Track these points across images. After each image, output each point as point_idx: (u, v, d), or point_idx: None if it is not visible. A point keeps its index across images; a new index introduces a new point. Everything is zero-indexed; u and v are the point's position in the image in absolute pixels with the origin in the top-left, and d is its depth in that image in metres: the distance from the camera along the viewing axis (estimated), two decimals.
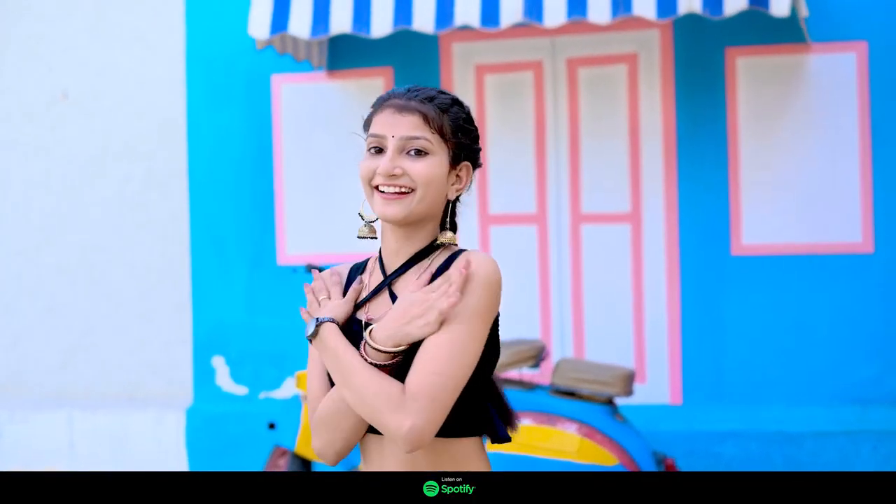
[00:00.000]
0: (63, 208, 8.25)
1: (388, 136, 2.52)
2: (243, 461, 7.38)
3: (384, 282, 2.62)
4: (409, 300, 2.48)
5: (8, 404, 8.16)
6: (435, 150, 2.53)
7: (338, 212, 7.45)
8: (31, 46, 8.28)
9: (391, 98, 2.57)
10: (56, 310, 8.29)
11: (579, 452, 5.56)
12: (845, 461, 6.67)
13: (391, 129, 2.51)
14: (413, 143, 2.51)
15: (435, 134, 2.52)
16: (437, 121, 2.53)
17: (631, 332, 7.11)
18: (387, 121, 2.53)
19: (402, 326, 2.46)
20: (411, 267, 2.60)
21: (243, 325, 7.62)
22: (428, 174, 2.51)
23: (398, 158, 2.51)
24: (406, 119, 2.51)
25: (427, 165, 2.51)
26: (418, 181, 2.50)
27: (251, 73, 7.58)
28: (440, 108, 2.55)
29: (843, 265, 6.85)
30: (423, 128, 2.51)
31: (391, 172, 2.50)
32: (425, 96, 2.55)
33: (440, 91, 2.59)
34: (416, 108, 2.52)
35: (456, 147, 2.58)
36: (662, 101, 7.02)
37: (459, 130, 2.58)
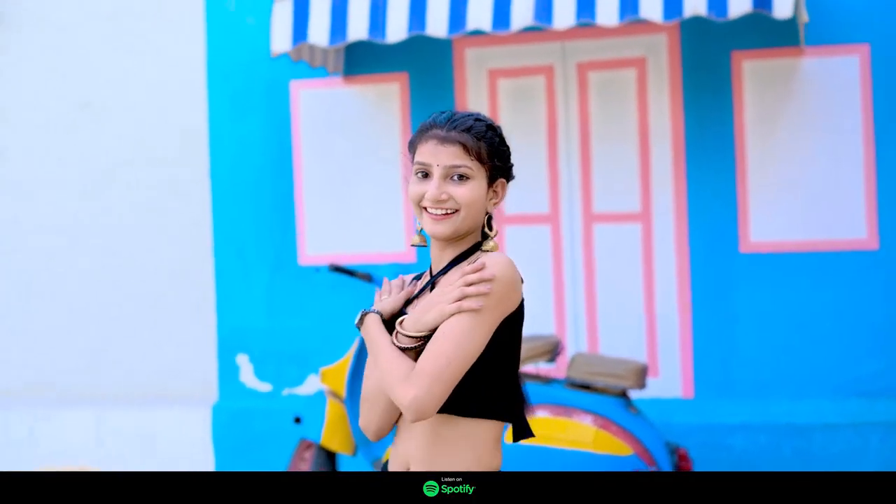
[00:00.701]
0: (88, 214, 8.39)
1: (433, 165, 2.83)
2: (268, 455, 7.54)
3: (429, 282, 2.94)
4: (432, 294, 2.82)
5: (37, 404, 8.31)
6: (475, 175, 2.84)
7: (356, 213, 7.60)
8: (52, 56, 8.41)
9: (433, 128, 2.87)
10: (83, 312, 8.42)
11: (595, 443, 5.70)
12: (853, 453, 6.78)
13: (435, 158, 2.83)
14: (456, 171, 2.82)
15: (474, 160, 2.83)
16: (475, 149, 2.83)
17: (643, 328, 7.22)
18: (431, 151, 2.84)
19: (422, 316, 2.79)
20: (451, 268, 2.91)
21: (266, 324, 7.77)
22: (470, 197, 2.83)
23: (443, 185, 2.83)
24: (448, 150, 2.82)
25: (469, 189, 2.83)
26: (462, 203, 2.82)
27: (270, 80, 7.72)
28: (477, 136, 2.84)
29: (848, 261, 6.94)
30: (463, 156, 2.82)
31: (438, 199, 2.82)
32: (464, 127, 2.84)
33: (476, 118, 2.88)
34: (457, 139, 2.82)
35: (492, 168, 2.88)
36: (671, 103, 7.14)
37: (495, 154, 2.88)
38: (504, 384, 2.87)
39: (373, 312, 2.90)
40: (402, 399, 2.69)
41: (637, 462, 5.66)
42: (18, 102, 8.49)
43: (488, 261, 2.79)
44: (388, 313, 2.92)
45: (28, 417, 8.20)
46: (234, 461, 7.74)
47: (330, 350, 7.26)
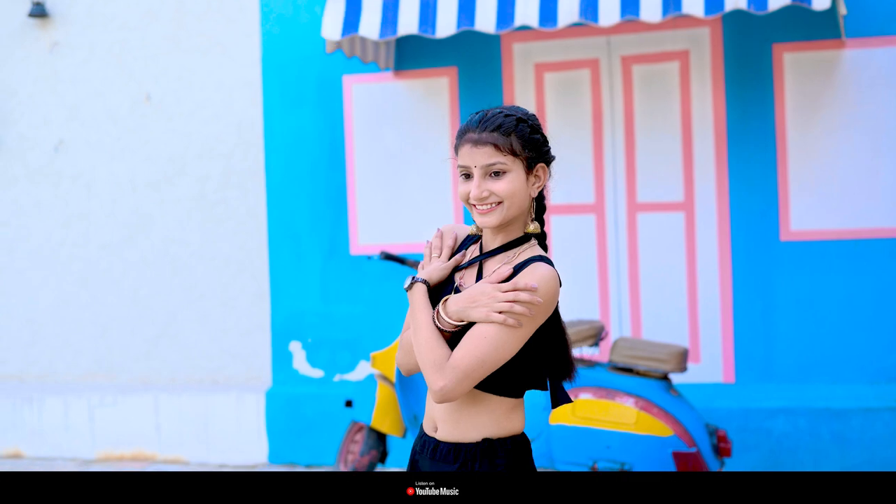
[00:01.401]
0: (147, 206, 8.60)
1: (472, 167, 3.05)
2: (320, 439, 7.74)
3: (477, 258, 3.16)
4: (480, 289, 3.00)
5: (98, 389, 8.53)
6: (511, 168, 3.04)
7: (406, 203, 7.77)
8: (115, 53, 8.64)
9: (468, 132, 3.08)
10: (142, 301, 8.64)
11: (637, 424, 5.83)
12: (891, 436, 6.86)
13: (472, 160, 3.04)
14: (492, 168, 3.03)
15: (508, 155, 3.03)
16: (506, 144, 3.03)
17: (685, 315, 7.33)
18: (468, 153, 3.05)
19: (467, 308, 2.98)
20: (501, 252, 3.12)
21: (319, 312, 7.96)
22: (509, 189, 3.03)
23: (483, 183, 3.04)
24: (481, 150, 3.03)
25: (507, 182, 3.03)
26: (503, 195, 3.03)
27: (323, 74, 7.91)
28: (506, 133, 3.04)
29: (887, 249, 7.02)
30: (496, 154, 3.03)
31: (480, 196, 3.04)
32: (494, 126, 3.05)
33: (506, 114, 3.09)
34: (488, 140, 3.03)
35: (527, 158, 3.07)
36: (713, 95, 7.24)
37: (527, 145, 3.08)
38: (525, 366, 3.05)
39: (420, 282, 3.10)
40: (433, 384, 2.92)
41: (677, 443, 5.79)
42: (83, 97, 8.73)
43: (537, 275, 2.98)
44: (434, 281, 3.13)
45: (88, 403, 8.42)
46: (287, 445, 7.93)
47: (380, 336, 7.45)
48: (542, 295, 2.94)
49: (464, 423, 3.01)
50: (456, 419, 3.03)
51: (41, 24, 8.76)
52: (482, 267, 3.13)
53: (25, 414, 8.53)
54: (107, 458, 8.30)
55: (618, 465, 5.82)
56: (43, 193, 8.84)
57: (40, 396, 8.53)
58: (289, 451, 7.92)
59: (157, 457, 8.22)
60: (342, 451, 6.76)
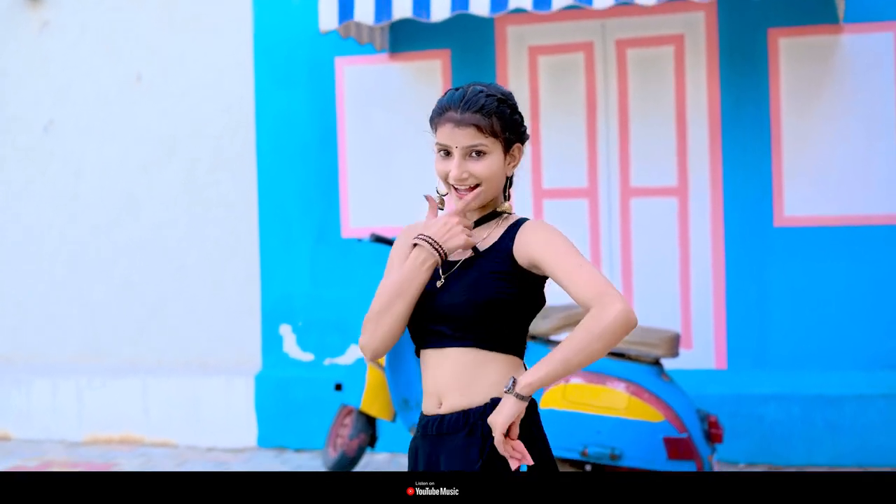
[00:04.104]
0: (137, 187, 8.56)
1: (452, 146, 3.04)
2: (309, 423, 7.72)
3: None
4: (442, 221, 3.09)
5: (86, 372, 8.49)
6: (491, 150, 3.05)
7: (398, 186, 7.74)
8: (106, 34, 8.59)
9: (449, 110, 3.06)
10: (131, 283, 8.61)
11: (628, 409, 5.81)
12: (884, 424, 6.86)
13: (453, 140, 3.04)
14: (473, 149, 3.04)
15: (489, 137, 3.04)
16: (488, 126, 3.03)
17: (678, 300, 7.31)
18: (449, 133, 3.04)
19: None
20: (481, 225, 3.16)
21: (309, 296, 7.93)
22: (488, 171, 3.06)
23: (464, 163, 3.05)
24: (463, 132, 3.03)
25: (487, 164, 3.05)
26: (482, 177, 3.06)
27: (315, 56, 7.88)
28: (487, 113, 3.04)
29: (880, 236, 7.01)
30: (478, 136, 3.03)
31: (460, 178, 3.05)
32: (476, 107, 3.03)
33: (487, 94, 3.06)
34: (470, 120, 3.03)
35: (507, 139, 3.09)
36: (707, 80, 7.22)
37: (508, 126, 3.08)
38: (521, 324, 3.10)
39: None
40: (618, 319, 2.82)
41: (668, 428, 5.77)
42: (74, 78, 8.69)
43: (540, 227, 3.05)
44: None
45: (77, 385, 8.39)
46: (276, 429, 7.91)
47: None
48: (553, 233, 3.00)
49: (472, 387, 3.01)
50: (464, 385, 3.02)
51: (31, 4, 8.71)
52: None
53: (13, 396, 8.49)
54: (95, 440, 8.27)
55: (608, 449, 5.80)
56: (32, 174, 8.79)
57: (28, 378, 8.50)
58: (278, 435, 7.90)
59: (146, 440, 8.19)
60: (331, 434, 6.76)
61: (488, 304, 2.99)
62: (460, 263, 3.09)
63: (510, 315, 3.02)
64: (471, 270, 3.05)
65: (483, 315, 2.99)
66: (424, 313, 3.09)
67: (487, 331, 3.00)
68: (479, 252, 3.09)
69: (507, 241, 3.06)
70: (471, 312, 2.99)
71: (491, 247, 3.08)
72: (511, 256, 3.03)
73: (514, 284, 3.01)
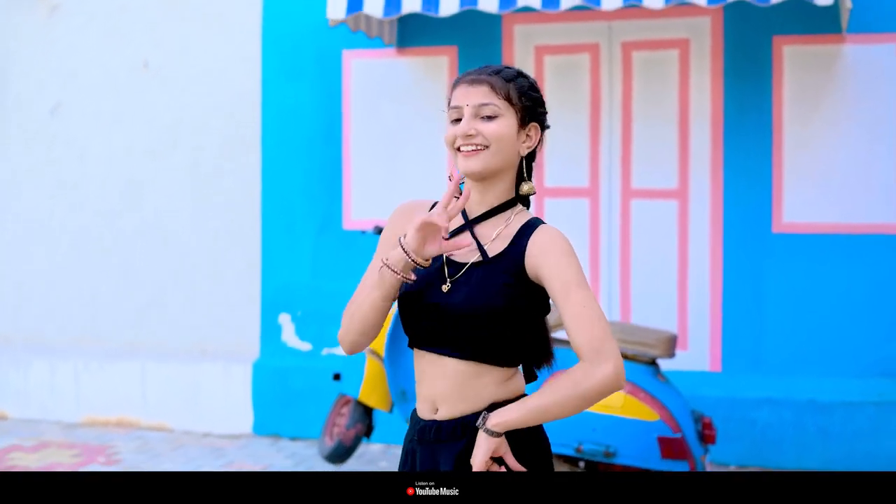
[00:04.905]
0: (141, 174, 8.57)
1: (463, 106, 2.91)
2: (305, 412, 7.76)
3: (465, 225, 3.00)
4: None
5: (85, 354, 8.54)
6: (503, 113, 2.91)
7: (401, 179, 7.79)
8: (115, 19, 8.60)
9: (466, 75, 2.98)
10: (133, 268, 8.62)
11: (624, 408, 5.84)
12: (874, 431, 6.91)
13: (465, 99, 2.91)
14: (484, 110, 2.90)
15: (502, 100, 2.91)
16: (503, 88, 2.92)
17: (675, 302, 7.36)
18: (461, 93, 2.93)
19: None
20: (491, 217, 3.00)
21: (309, 286, 7.97)
22: (498, 132, 2.89)
23: (473, 122, 2.90)
24: (476, 90, 2.91)
25: (497, 126, 2.89)
26: (490, 138, 2.89)
27: (323, 48, 7.91)
28: (505, 78, 2.94)
29: (877, 244, 7.06)
30: (490, 95, 2.90)
31: (467, 133, 2.89)
32: (493, 70, 2.96)
33: (507, 67, 3.01)
34: (485, 79, 2.92)
35: (522, 109, 2.95)
36: (711, 84, 7.27)
37: (524, 95, 2.95)
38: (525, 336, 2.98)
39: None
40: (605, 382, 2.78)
41: (663, 427, 5.81)
42: (81, 63, 8.70)
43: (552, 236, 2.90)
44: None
45: (75, 367, 8.45)
46: (272, 417, 7.96)
47: None
48: (571, 254, 2.86)
49: (469, 396, 2.91)
50: (461, 396, 2.91)
51: None
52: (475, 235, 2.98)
53: (11, 376, 8.54)
54: (91, 422, 8.32)
55: (603, 447, 5.84)
56: (37, 158, 8.81)
57: (27, 358, 8.55)
58: (274, 423, 7.94)
59: (142, 423, 8.23)
60: (328, 423, 6.79)
61: (492, 315, 2.85)
62: (468, 267, 2.92)
63: (514, 326, 2.88)
64: (478, 277, 2.89)
65: (486, 327, 2.85)
66: (424, 314, 2.95)
67: (488, 342, 2.87)
68: (487, 257, 2.92)
69: (518, 247, 2.90)
70: (472, 324, 2.86)
71: (501, 252, 2.91)
72: (522, 266, 2.88)
73: (522, 294, 2.88)
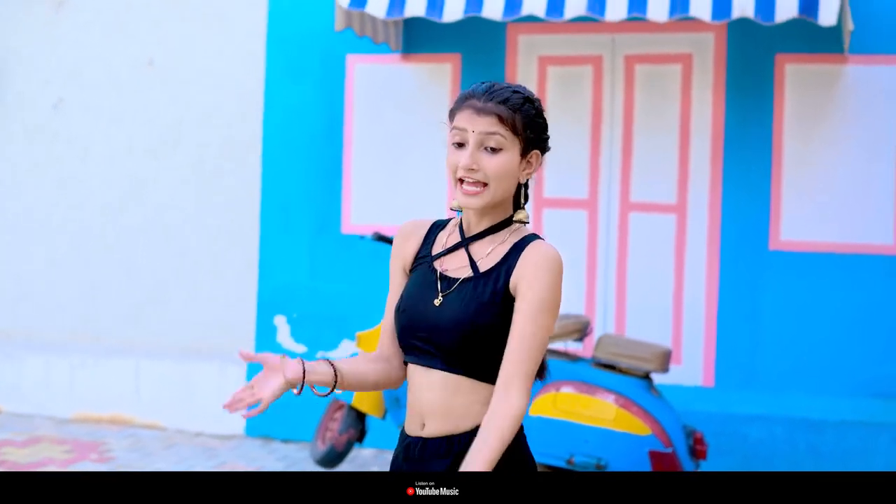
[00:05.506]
0: (143, 171, 8.57)
1: (469, 131, 2.87)
2: (298, 415, 7.73)
3: (461, 243, 3.00)
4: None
5: (80, 350, 8.52)
6: (508, 146, 2.88)
7: (401, 185, 7.79)
8: (120, 16, 8.60)
9: (472, 98, 2.93)
10: (131, 265, 8.61)
11: (615, 421, 5.86)
12: (865, 450, 6.91)
13: (471, 125, 2.87)
14: (489, 140, 2.87)
15: (508, 131, 2.87)
16: (510, 119, 2.88)
17: (670, 316, 7.36)
18: (468, 118, 2.88)
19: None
20: (487, 236, 2.99)
21: (306, 288, 7.97)
22: (500, 170, 2.87)
23: (477, 153, 2.87)
24: (484, 119, 2.86)
25: (500, 162, 2.87)
26: (491, 177, 2.87)
27: (327, 51, 7.91)
28: (513, 108, 2.90)
29: (874, 265, 7.06)
30: (498, 126, 2.86)
31: (470, 167, 2.86)
32: (501, 98, 2.90)
33: (514, 90, 2.94)
34: (493, 109, 2.87)
35: (526, 140, 2.94)
36: (713, 100, 7.28)
37: (530, 126, 2.93)
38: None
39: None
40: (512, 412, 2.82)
41: (654, 442, 5.83)
42: (86, 59, 8.71)
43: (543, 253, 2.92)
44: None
45: (70, 363, 8.43)
46: (265, 419, 7.89)
47: (366, 316, 7.45)
48: (554, 274, 2.90)
49: (456, 413, 2.90)
50: (448, 410, 2.90)
51: None
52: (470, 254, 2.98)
53: (6, 370, 8.54)
54: (84, 419, 8.31)
55: (594, 460, 5.85)
56: (39, 153, 8.82)
57: (22, 353, 8.55)
58: (266, 425, 7.94)
59: (135, 420, 8.23)
60: (321, 427, 6.79)
61: (479, 331, 2.85)
62: (460, 282, 2.91)
63: (503, 341, 2.86)
64: (468, 291, 2.88)
65: (473, 342, 2.85)
66: (416, 327, 2.93)
67: (477, 358, 2.87)
68: (478, 272, 2.92)
69: (510, 263, 2.90)
70: (460, 338, 2.85)
71: (492, 268, 2.91)
72: (510, 281, 2.88)
73: (511, 309, 2.87)
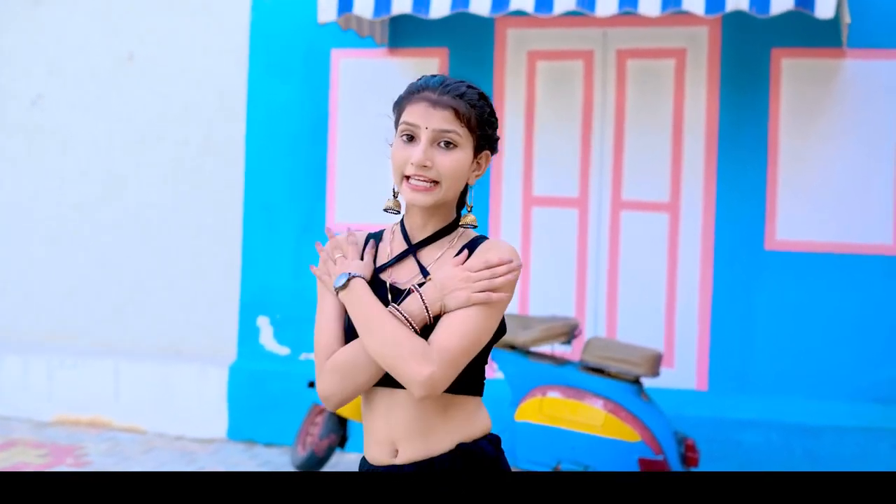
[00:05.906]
0: (123, 167, 8.44)
1: (421, 127, 2.71)
2: (280, 418, 7.61)
3: (409, 250, 2.83)
4: (450, 274, 2.70)
5: (58, 351, 8.38)
6: (462, 144, 2.73)
7: (387, 183, 7.53)
8: (101, 9, 8.48)
9: (426, 90, 2.76)
10: (110, 264, 8.49)
11: (604, 427, 5.74)
12: (863, 456, 6.78)
13: (425, 120, 2.70)
14: (444, 136, 2.71)
15: (464, 127, 2.72)
16: (466, 115, 2.72)
17: (662, 318, 7.24)
18: (421, 113, 2.72)
19: (442, 297, 2.67)
20: (435, 241, 2.82)
21: (289, 289, 7.82)
22: (453, 169, 2.71)
23: (430, 150, 2.71)
24: (439, 113, 2.70)
25: (454, 159, 2.71)
26: (444, 175, 2.71)
27: (312, 46, 7.79)
28: (469, 103, 2.74)
29: (871, 266, 6.95)
30: (454, 122, 2.70)
31: (423, 164, 2.70)
32: (457, 93, 2.74)
33: (468, 86, 2.78)
34: (449, 103, 2.71)
35: (480, 138, 2.78)
36: (707, 96, 7.15)
37: (485, 124, 2.78)
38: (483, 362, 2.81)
39: (358, 276, 2.76)
40: (417, 375, 2.58)
41: (644, 449, 5.69)
42: (65, 53, 8.57)
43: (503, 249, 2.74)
44: (367, 278, 2.80)
45: (48, 364, 8.27)
46: (247, 422, 7.80)
47: None
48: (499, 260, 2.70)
49: (434, 433, 2.71)
50: (425, 431, 2.71)
51: None
52: (419, 261, 2.81)
53: None
54: (63, 421, 8.15)
55: (581, 467, 5.72)
56: (17, 148, 8.68)
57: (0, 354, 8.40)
58: (248, 428, 7.79)
59: (114, 423, 8.07)
60: (302, 432, 6.69)
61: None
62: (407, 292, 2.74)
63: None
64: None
65: None
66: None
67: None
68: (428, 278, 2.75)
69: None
70: None
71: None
72: None
73: None
